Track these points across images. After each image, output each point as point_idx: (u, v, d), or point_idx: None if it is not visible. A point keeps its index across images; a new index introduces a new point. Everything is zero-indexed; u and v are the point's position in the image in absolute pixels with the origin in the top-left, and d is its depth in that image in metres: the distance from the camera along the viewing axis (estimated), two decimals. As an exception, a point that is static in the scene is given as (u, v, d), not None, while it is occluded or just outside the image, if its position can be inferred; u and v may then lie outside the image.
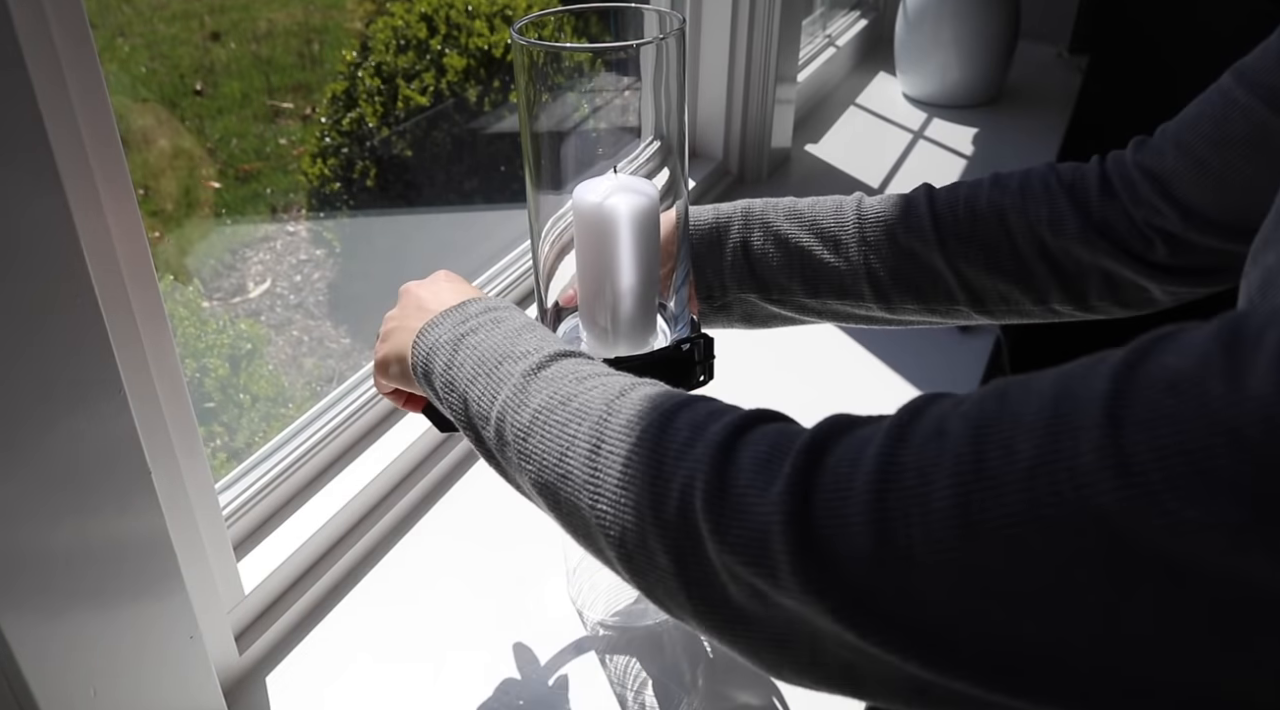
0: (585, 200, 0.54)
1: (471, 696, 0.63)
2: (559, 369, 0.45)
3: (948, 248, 0.60)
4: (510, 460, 0.45)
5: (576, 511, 0.41)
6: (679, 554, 0.37)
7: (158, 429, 0.53)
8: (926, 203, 0.61)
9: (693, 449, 0.37)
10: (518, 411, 0.44)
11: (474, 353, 0.48)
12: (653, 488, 0.37)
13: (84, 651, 0.48)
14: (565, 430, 0.42)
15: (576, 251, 0.56)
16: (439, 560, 0.74)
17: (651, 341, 0.59)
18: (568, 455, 0.41)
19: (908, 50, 1.62)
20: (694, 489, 0.36)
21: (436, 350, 0.49)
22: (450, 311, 0.51)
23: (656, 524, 0.37)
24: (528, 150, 0.55)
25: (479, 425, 0.47)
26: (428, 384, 0.50)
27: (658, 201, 0.55)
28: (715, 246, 0.62)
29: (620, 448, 0.40)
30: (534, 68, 0.52)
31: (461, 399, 0.47)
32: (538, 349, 0.47)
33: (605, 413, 0.41)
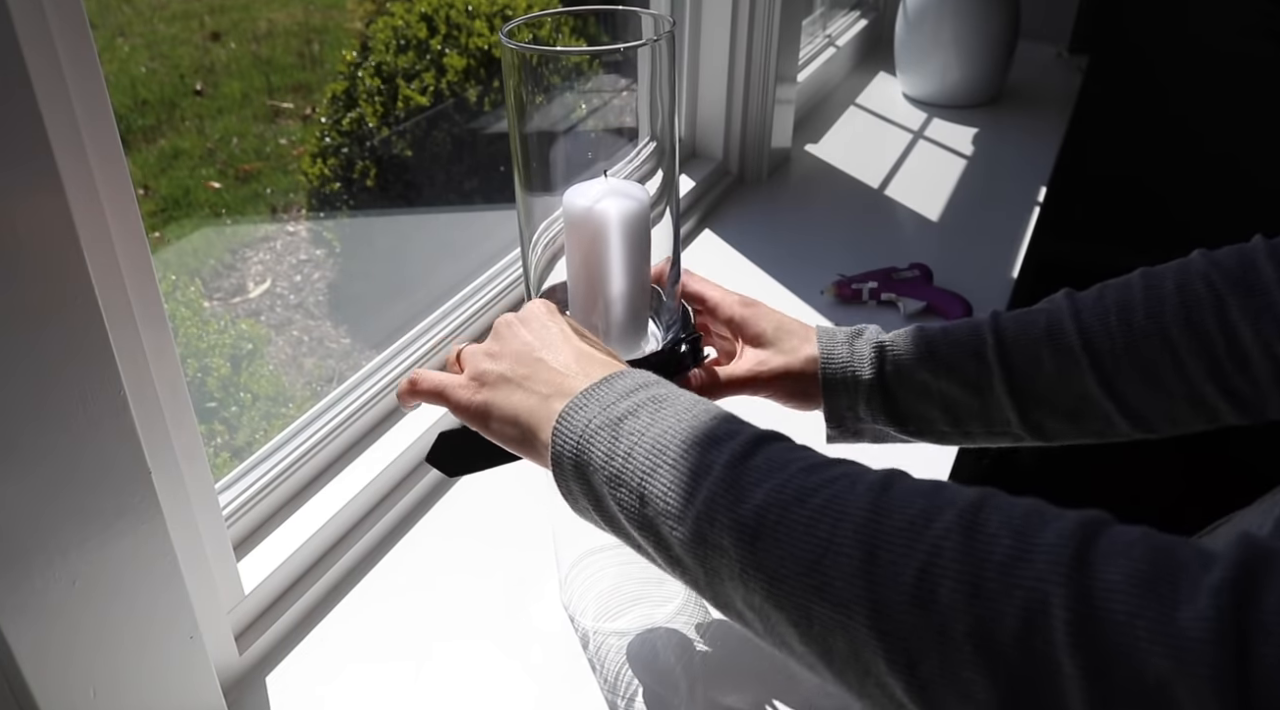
0: (575, 204, 0.53)
1: (471, 697, 0.63)
2: (770, 456, 0.38)
3: (1103, 371, 0.53)
4: (718, 568, 0.37)
5: (837, 630, 0.34)
6: (1012, 689, 0.30)
7: (158, 429, 0.53)
8: (1072, 319, 0.55)
9: (1029, 561, 0.30)
10: (733, 508, 0.37)
11: (643, 439, 0.41)
12: (973, 609, 0.30)
13: (84, 651, 0.48)
14: (813, 533, 0.35)
15: (567, 256, 0.56)
16: (439, 561, 0.74)
17: (643, 345, 0.59)
18: (823, 564, 0.34)
19: (908, 50, 1.62)
20: (1048, 614, 0.29)
21: (591, 438, 0.42)
22: (595, 390, 0.44)
23: (980, 653, 0.30)
24: (517, 153, 0.55)
25: (665, 526, 0.39)
26: (578, 478, 0.43)
27: (649, 205, 0.55)
28: (845, 386, 0.59)
29: (909, 557, 0.33)
30: (524, 69, 0.52)
31: (636, 496, 0.40)
32: (730, 433, 0.40)
33: (872, 512, 0.34)
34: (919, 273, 1.07)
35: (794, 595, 0.35)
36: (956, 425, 0.58)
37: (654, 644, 0.66)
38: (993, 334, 0.56)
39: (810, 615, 0.34)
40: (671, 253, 0.59)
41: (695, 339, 0.59)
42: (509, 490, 0.80)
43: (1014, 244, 1.20)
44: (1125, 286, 0.55)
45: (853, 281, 1.06)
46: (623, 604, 0.68)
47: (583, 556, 0.69)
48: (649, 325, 0.59)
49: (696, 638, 0.67)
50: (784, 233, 1.23)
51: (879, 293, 1.04)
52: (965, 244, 1.20)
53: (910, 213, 1.29)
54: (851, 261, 1.11)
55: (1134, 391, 0.53)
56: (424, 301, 0.93)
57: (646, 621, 0.68)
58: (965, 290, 1.04)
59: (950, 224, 1.26)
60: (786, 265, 1.13)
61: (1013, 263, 1.15)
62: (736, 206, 1.28)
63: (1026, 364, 0.55)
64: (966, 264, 1.13)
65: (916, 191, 1.34)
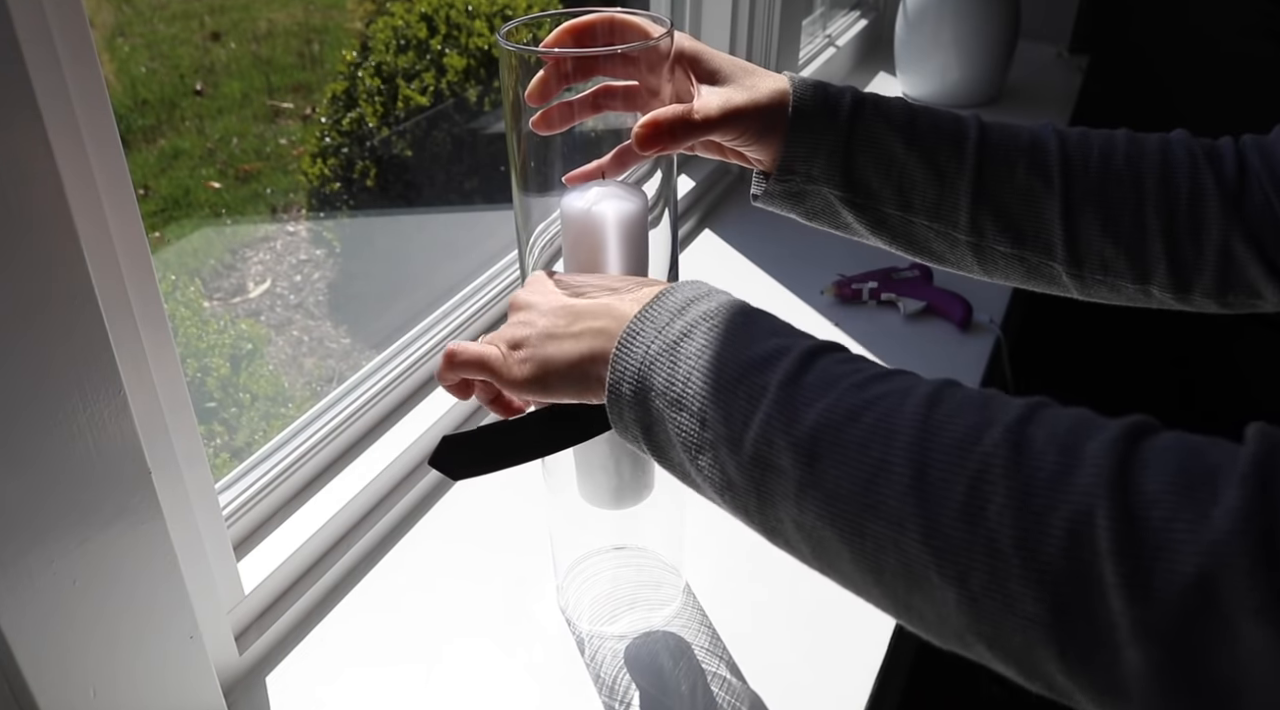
0: (573, 206, 0.53)
1: (472, 698, 0.63)
2: (820, 373, 0.38)
3: (1070, 196, 0.54)
4: (773, 490, 0.38)
5: (891, 546, 0.34)
6: (1060, 603, 0.30)
7: (158, 429, 0.53)
8: (1057, 143, 0.55)
9: (1073, 475, 0.31)
10: (788, 430, 0.37)
11: (699, 363, 0.40)
12: (1020, 523, 0.31)
13: (84, 651, 0.48)
14: (867, 454, 0.35)
15: (564, 258, 0.56)
16: (438, 561, 0.74)
17: None
18: (876, 484, 0.35)
19: (908, 50, 1.63)
20: (1092, 525, 0.30)
21: (651, 366, 0.41)
22: (648, 313, 0.43)
23: (1029, 566, 0.31)
24: (514, 154, 0.55)
25: (724, 450, 0.39)
26: (637, 406, 0.42)
27: (646, 208, 0.54)
28: (813, 123, 0.55)
29: (959, 476, 0.33)
30: (522, 70, 0.52)
31: (696, 420, 0.40)
32: (780, 350, 0.40)
33: (921, 431, 0.35)
34: (919, 272, 1.07)
35: (848, 514, 0.36)
36: (904, 209, 0.56)
37: (651, 647, 0.66)
38: (977, 129, 0.56)
39: (864, 532, 0.35)
40: (669, 255, 0.59)
41: None
42: (508, 492, 0.80)
43: (1014, 244, 1.19)
44: (1110, 134, 0.57)
45: (853, 281, 1.06)
46: (620, 607, 0.68)
47: (580, 560, 0.69)
48: None
49: (694, 641, 0.67)
50: (784, 233, 1.22)
51: (879, 293, 1.05)
52: (965, 244, 1.20)
53: (910, 213, 1.29)
54: (851, 261, 1.11)
55: (1086, 229, 0.54)
56: (424, 301, 0.93)
57: (644, 625, 0.68)
58: (965, 290, 1.04)
59: (950, 224, 1.26)
60: (786, 265, 1.13)
61: (1013, 263, 1.15)
62: (736, 206, 1.28)
63: (999, 167, 0.55)
64: (966, 264, 1.13)
65: (916, 191, 1.34)
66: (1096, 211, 0.54)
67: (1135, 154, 0.55)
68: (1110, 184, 0.54)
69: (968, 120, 0.57)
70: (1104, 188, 0.54)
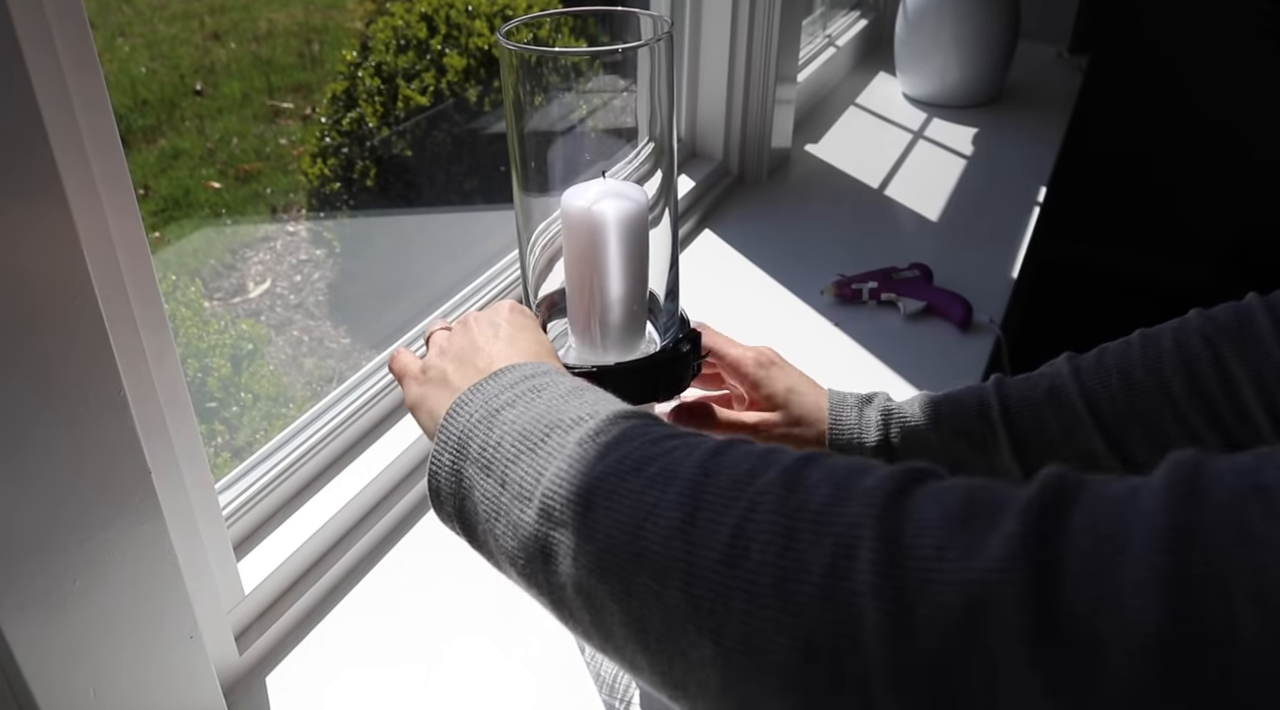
0: (573, 205, 0.53)
1: (472, 697, 0.63)
2: (624, 432, 0.37)
3: (1105, 425, 0.55)
4: (555, 549, 0.36)
5: (654, 602, 0.32)
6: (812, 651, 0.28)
7: (158, 429, 0.53)
8: (1074, 380, 0.56)
9: (843, 507, 0.29)
10: (573, 481, 0.36)
11: (513, 428, 0.40)
12: (783, 561, 0.29)
13: (84, 651, 0.48)
14: (642, 499, 0.34)
15: (565, 257, 0.56)
16: (438, 561, 0.74)
17: (641, 347, 0.58)
18: (645, 528, 0.33)
19: (908, 50, 1.62)
20: (854, 557, 0.28)
21: (470, 433, 0.42)
22: (482, 385, 0.44)
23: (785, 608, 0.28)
24: (515, 154, 0.55)
25: (516, 509, 0.38)
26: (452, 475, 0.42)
27: (647, 207, 0.54)
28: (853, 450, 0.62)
29: (727, 517, 0.31)
30: (522, 70, 0.52)
31: (498, 483, 0.39)
32: (593, 413, 0.39)
33: (699, 474, 0.33)
34: (919, 273, 1.07)
35: (618, 565, 0.33)
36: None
37: None
38: (997, 398, 0.59)
39: (630, 587, 0.33)
40: (670, 254, 0.59)
41: (695, 338, 0.59)
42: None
43: (1014, 244, 1.20)
44: (1124, 346, 0.57)
45: (853, 281, 1.06)
46: None
47: None
48: (647, 327, 0.59)
49: None
50: (784, 233, 1.23)
51: (879, 292, 1.05)
52: (965, 244, 1.20)
53: (910, 213, 1.29)
54: (851, 261, 1.11)
55: (1138, 446, 0.55)
56: (424, 301, 0.93)
57: None
58: (965, 290, 1.04)
59: (950, 224, 1.26)
60: (786, 265, 1.13)
61: (1013, 263, 1.15)
62: (736, 207, 1.28)
63: (1030, 425, 0.58)
64: (966, 264, 1.13)
65: (916, 191, 1.34)
66: (1137, 430, 0.54)
67: (1153, 358, 0.54)
68: (1140, 402, 0.54)
69: (987, 390, 0.60)
70: (1135, 408, 0.54)
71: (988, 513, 0.27)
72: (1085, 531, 0.25)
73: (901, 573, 0.27)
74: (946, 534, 0.27)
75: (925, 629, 0.26)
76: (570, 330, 0.58)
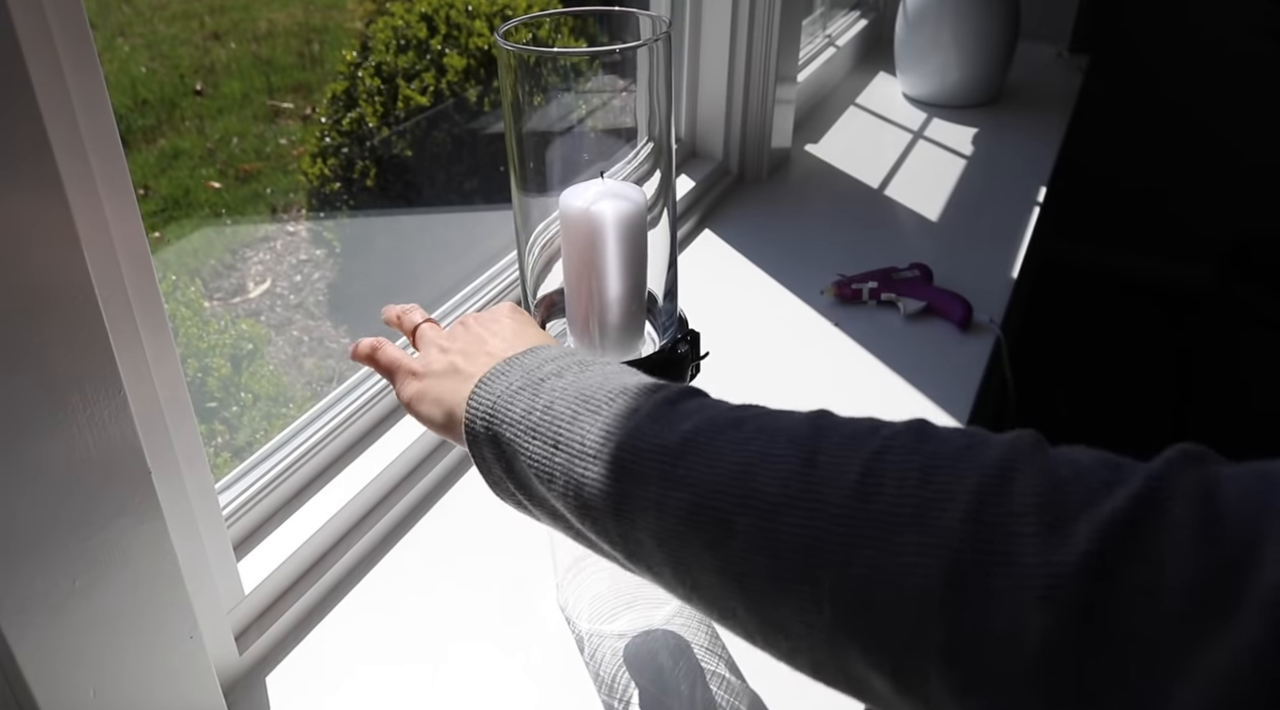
0: (572, 205, 0.53)
1: (472, 697, 0.63)
2: (700, 402, 0.37)
3: None
4: (635, 503, 0.35)
5: (763, 541, 0.31)
6: (956, 567, 0.27)
7: (158, 429, 0.53)
8: None
9: (984, 451, 0.30)
10: (659, 435, 0.35)
11: (568, 391, 0.39)
12: (923, 492, 0.29)
13: (84, 651, 0.48)
14: (745, 449, 0.33)
15: (563, 257, 0.56)
16: (439, 561, 0.74)
17: (639, 348, 0.58)
18: (753, 474, 0.32)
19: (908, 50, 1.62)
20: (1007, 482, 0.28)
21: (510, 399, 0.40)
22: (518, 359, 0.43)
23: (926, 534, 0.28)
24: (513, 154, 0.55)
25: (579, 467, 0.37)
26: (490, 441, 0.41)
27: (645, 207, 0.54)
28: None
29: (854, 458, 0.31)
30: (520, 70, 0.52)
31: (551, 442, 0.38)
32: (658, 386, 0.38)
33: (811, 430, 0.33)
34: (919, 273, 1.07)
35: (718, 509, 0.32)
36: None
37: (651, 646, 0.66)
38: None
39: (733, 530, 0.32)
40: (668, 254, 0.59)
41: (694, 338, 0.59)
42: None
43: (1014, 244, 1.20)
44: None
45: (853, 281, 1.06)
46: (619, 606, 0.68)
47: (579, 559, 0.69)
48: (645, 327, 0.59)
49: (693, 640, 0.67)
50: (784, 233, 1.23)
51: (879, 292, 1.05)
52: (965, 244, 1.20)
53: (910, 213, 1.29)
54: (851, 261, 1.11)
55: None
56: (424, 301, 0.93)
57: (644, 623, 0.68)
58: (965, 290, 1.04)
59: (950, 224, 1.26)
60: (786, 265, 1.13)
61: (1013, 263, 1.15)
62: (736, 206, 1.28)
63: None
64: (966, 264, 1.13)
65: (916, 191, 1.34)
66: None
67: None
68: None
69: None
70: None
71: (1121, 464, 0.28)
72: (1233, 475, 0.26)
73: (1062, 495, 0.27)
74: (1096, 470, 0.27)
75: (1090, 536, 0.26)
76: (569, 330, 0.58)
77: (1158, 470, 0.27)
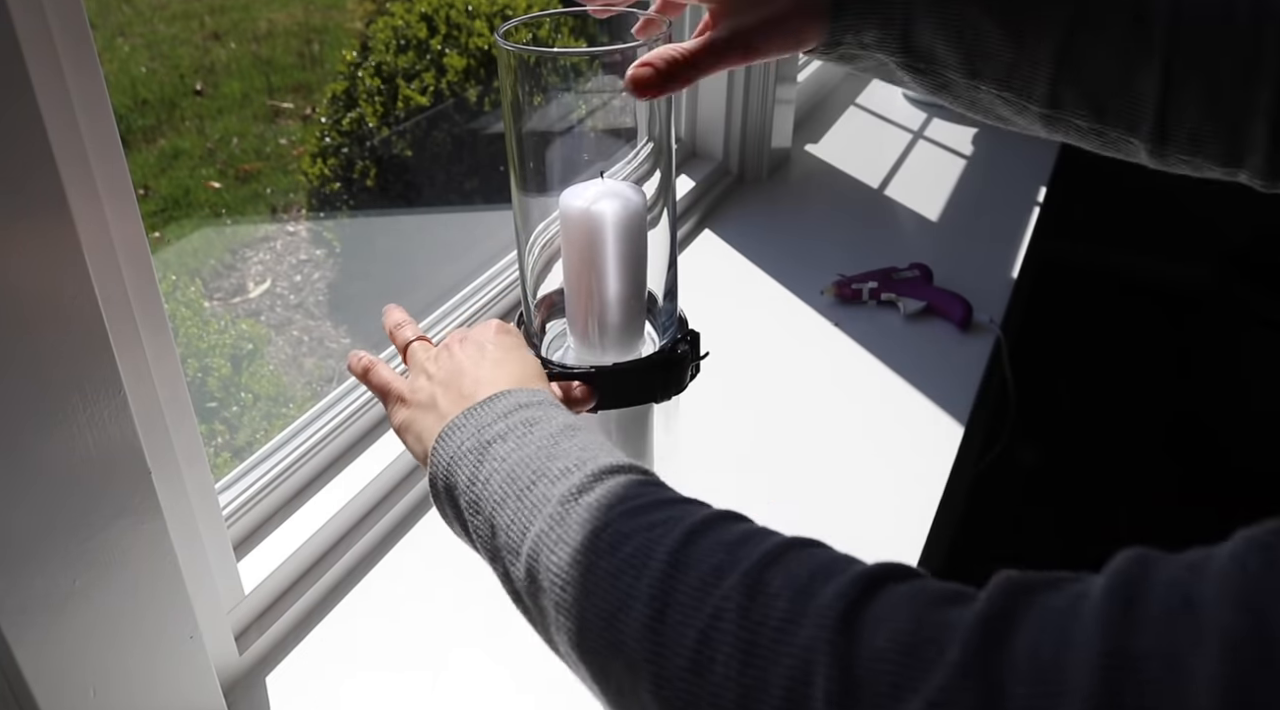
0: (572, 205, 0.53)
1: (473, 697, 0.63)
2: (604, 493, 0.37)
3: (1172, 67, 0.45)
4: (544, 610, 0.37)
5: (629, 694, 0.33)
6: None
7: (158, 429, 0.53)
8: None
9: (799, 626, 0.30)
10: (554, 549, 0.36)
11: (502, 466, 0.40)
12: (744, 679, 0.30)
13: (84, 651, 0.48)
14: (617, 584, 0.34)
15: (563, 257, 0.56)
16: (439, 560, 0.74)
17: (639, 348, 0.58)
18: (619, 619, 0.33)
19: (908, 50, 1.62)
20: (810, 684, 0.28)
21: (458, 462, 0.42)
22: (474, 411, 0.44)
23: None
24: (513, 154, 0.55)
25: (507, 559, 0.39)
26: (449, 501, 0.43)
27: (645, 206, 0.54)
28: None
29: (693, 618, 0.31)
30: (521, 70, 0.52)
31: (488, 525, 0.40)
32: (578, 464, 0.39)
33: (669, 567, 0.33)
34: (919, 273, 1.07)
35: (595, 650, 0.34)
36: (971, 75, 0.48)
37: None
38: None
39: (608, 674, 0.34)
40: (668, 254, 0.59)
41: (694, 338, 0.59)
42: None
43: (1014, 244, 1.20)
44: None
45: (852, 281, 1.06)
46: None
47: None
48: (645, 328, 0.59)
49: None
50: (784, 233, 1.23)
51: (879, 293, 1.05)
52: (965, 244, 1.20)
53: (910, 213, 1.29)
54: (851, 261, 1.11)
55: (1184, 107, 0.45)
56: (424, 301, 0.93)
57: None
58: (965, 290, 1.04)
59: (950, 224, 1.26)
60: (786, 265, 1.13)
61: (1013, 263, 1.15)
62: (736, 206, 1.28)
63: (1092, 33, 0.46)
64: (966, 264, 1.13)
65: (916, 191, 1.34)
66: (1201, 85, 0.45)
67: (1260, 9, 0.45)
68: (1223, 48, 0.44)
69: None
70: (1214, 54, 0.44)
71: (936, 638, 0.27)
72: (1027, 656, 0.26)
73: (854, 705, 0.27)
74: (896, 665, 0.27)
75: None
76: (569, 330, 0.58)
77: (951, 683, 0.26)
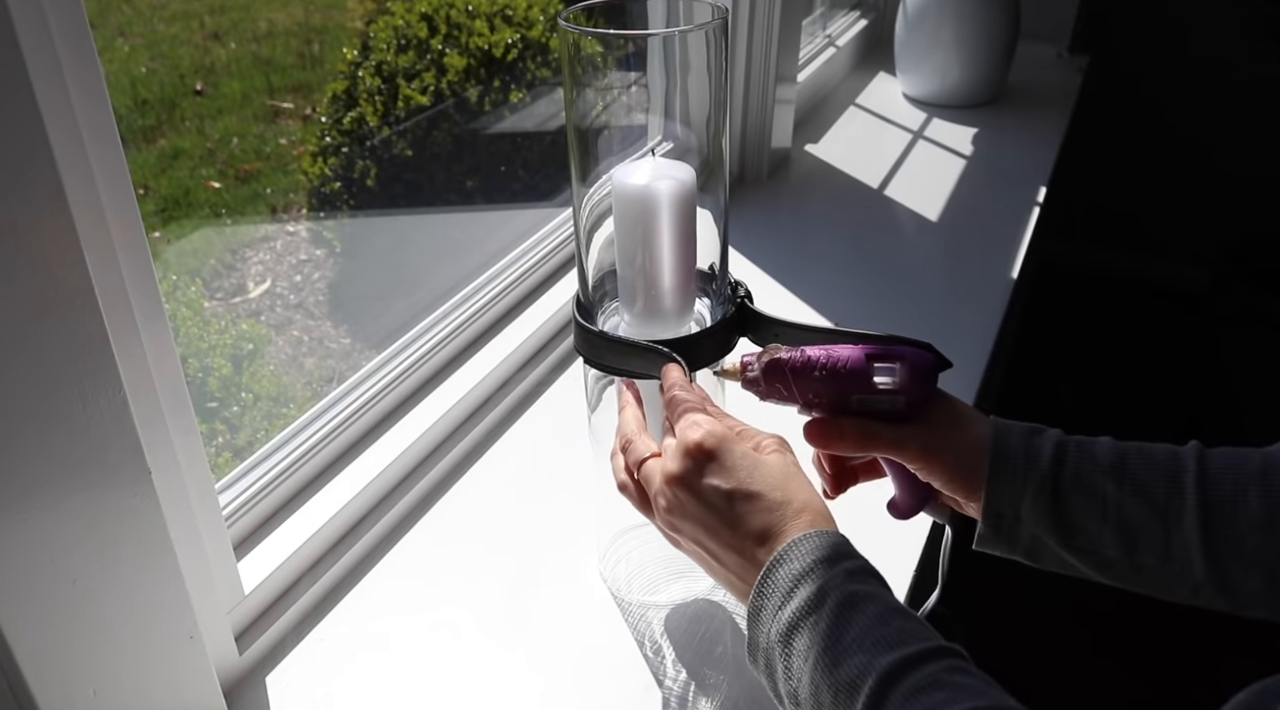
0: (626, 183, 0.55)
1: (473, 697, 0.63)
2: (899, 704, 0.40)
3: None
4: None
5: None
6: None
7: (158, 429, 0.53)
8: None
9: None
10: None
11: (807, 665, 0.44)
12: None
13: (84, 651, 0.48)
14: None
15: (616, 235, 0.58)
16: (439, 560, 0.74)
17: (690, 322, 0.60)
18: None
19: (908, 50, 1.63)
20: None
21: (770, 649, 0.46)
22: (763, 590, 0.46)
23: None
24: (573, 140, 0.57)
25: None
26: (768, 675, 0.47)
27: (695, 185, 0.56)
28: (1014, 469, 0.53)
29: None
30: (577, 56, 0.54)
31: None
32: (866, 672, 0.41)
33: None
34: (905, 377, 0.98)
35: None
36: (1129, 552, 0.51)
37: (698, 615, 0.67)
38: (1195, 461, 0.51)
39: None
40: (721, 231, 0.61)
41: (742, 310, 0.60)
42: (508, 492, 0.80)
43: (1014, 244, 1.20)
44: None
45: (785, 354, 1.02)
46: (661, 578, 0.69)
47: (626, 530, 0.70)
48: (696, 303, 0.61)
49: (736, 610, 0.67)
50: (784, 233, 1.23)
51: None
52: (965, 244, 1.20)
53: (910, 213, 1.29)
54: (851, 261, 1.11)
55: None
56: (424, 301, 0.93)
57: (689, 594, 0.69)
58: (965, 290, 1.03)
59: (950, 224, 1.26)
60: (786, 265, 1.13)
61: (1013, 263, 1.15)
62: (736, 206, 1.28)
63: (1229, 501, 0.49)
64: (966, 264, 1.13)
65: (916, 191, 1.34)
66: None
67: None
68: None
69: (1185, 452, 0.52)
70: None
71: None
72: None
73: None
74: None
75: None
76: (621, 306, 0.60)
77: None
